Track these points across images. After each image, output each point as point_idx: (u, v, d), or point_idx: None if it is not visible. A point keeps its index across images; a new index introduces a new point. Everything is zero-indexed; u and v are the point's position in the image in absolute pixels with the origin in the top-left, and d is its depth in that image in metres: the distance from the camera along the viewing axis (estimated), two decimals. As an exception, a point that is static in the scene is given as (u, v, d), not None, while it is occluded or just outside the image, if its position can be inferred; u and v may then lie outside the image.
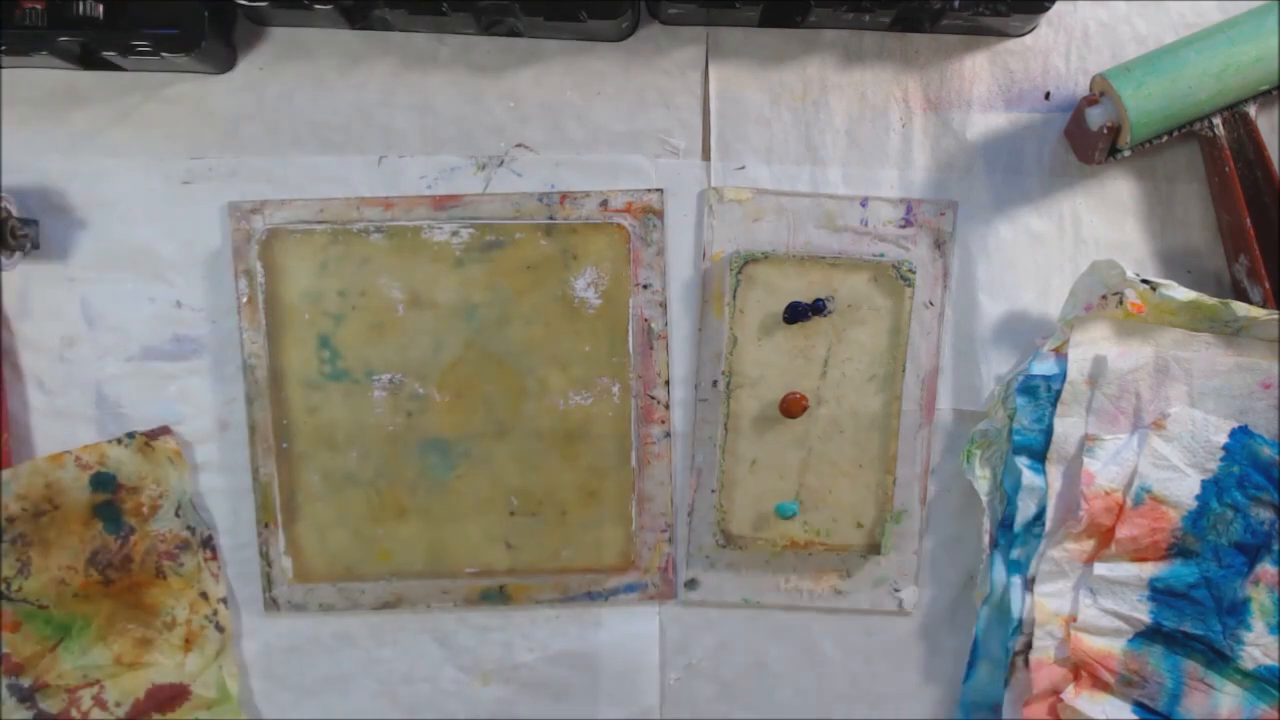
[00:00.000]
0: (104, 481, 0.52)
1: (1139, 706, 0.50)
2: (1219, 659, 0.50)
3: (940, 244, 0.53)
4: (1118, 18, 0.52)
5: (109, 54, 0.50)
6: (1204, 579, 0.49)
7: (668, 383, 0.53)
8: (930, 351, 0.53)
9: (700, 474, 0.53)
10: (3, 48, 0.48)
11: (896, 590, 0.54)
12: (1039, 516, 0.50)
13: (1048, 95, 0.53)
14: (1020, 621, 0.50)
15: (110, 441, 0.52)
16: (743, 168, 0.53)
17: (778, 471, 0.52)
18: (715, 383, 0.53)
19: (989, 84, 0.53)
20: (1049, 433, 0.50)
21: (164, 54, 0.49)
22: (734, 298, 0.51)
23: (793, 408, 0.51)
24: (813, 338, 0.51)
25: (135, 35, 0.48)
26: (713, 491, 0.53)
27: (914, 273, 0.51)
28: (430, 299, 0.52)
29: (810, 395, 0.51)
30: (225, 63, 0.52)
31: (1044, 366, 0.50)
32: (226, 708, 0.53)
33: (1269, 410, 0.50)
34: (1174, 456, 0.49)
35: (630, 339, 0.52)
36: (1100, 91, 0.50)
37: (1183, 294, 0.48)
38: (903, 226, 0.52)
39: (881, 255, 0.52)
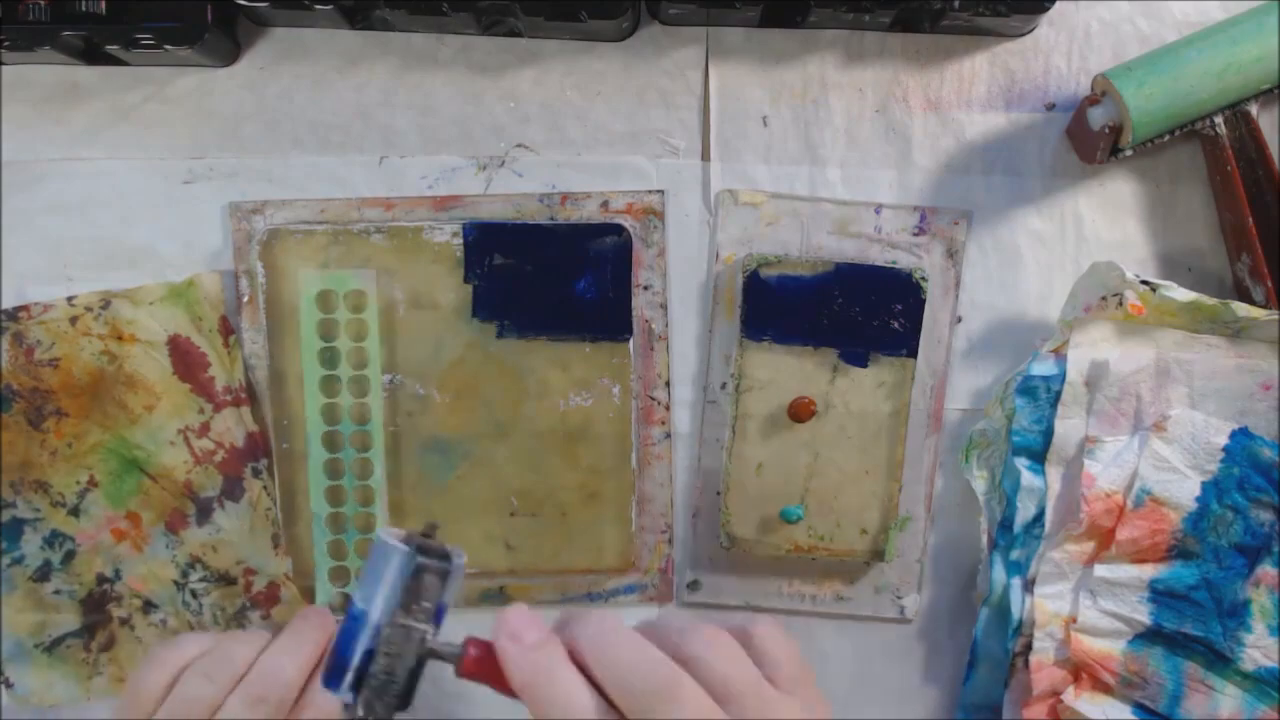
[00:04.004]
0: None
1: (1139, 708, 0.50)
2: (1219, 660, 0.50)
3: (953, 253, 0.52)
4: (1119, 17, 0.52)
5: (112, 48, 0.50)
6: (1204, 580, 0.49)
7: (668, 384, 0.53)
8: (940, 359, 0.53)
9: (706, 476, 0.53)
10: (6, 43, 0.48)
11: (899, 597, 0.54)
12: (1038, 518, 0.50)
13: (1051, 106, 0.52)
14: (1020, 623, 0.50)
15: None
16: (745, 170, 0.52)
17: (784, 475, 0.52)
18: (724, 385, 0.53)
19: (989, 84, 0.53)
20: (1048, 434, 0.50)
21: (167, 47, 0.49)
22: (744, 300, 0.51)
23: (801, 412, 0.51)
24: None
25: (138, 29, 0.48)
26: (718, 494, 0.52)
27: (926, 280, 0.51)
28: (431, 300, 0.52)
29: (819, 400, 0.51)
30: (229, 56, 0.52)
31: (1043, 367, 0.50)
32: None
33: (1269, 412, 0.50)
34: (1174, 458, 0.49)
35: (631, 340, 0.52)
36: (1102, 91, 0.50)
37: (1182, 295, 0.48)
38: (916, 234, 0.52)
39: (894, 262, 0.52)
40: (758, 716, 0.37)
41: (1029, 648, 0.50)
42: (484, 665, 0.37)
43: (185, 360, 0.52)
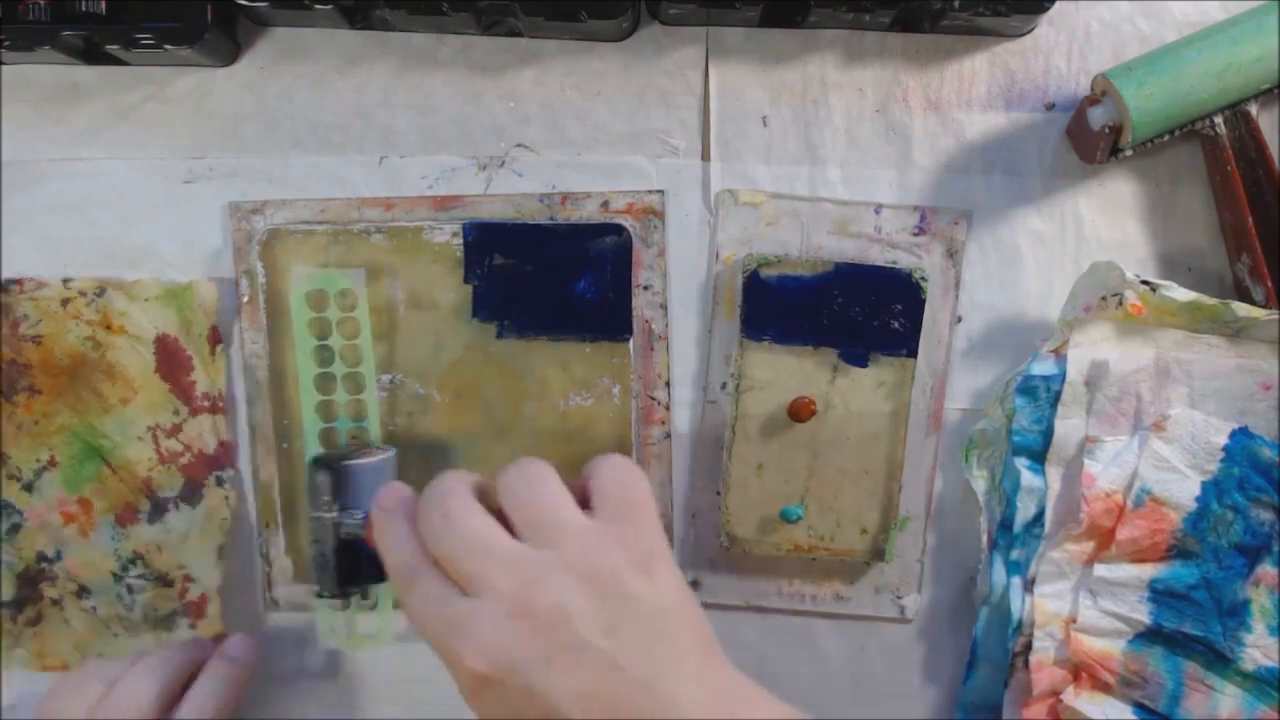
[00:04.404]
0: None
1: (1139, 707, 0.50)
2: (1219, 660, 0.50)
3: (953, 253, 0.52)
4: (1119, 17, 0.52)
5: (112, 48, 0.50)
6: (1204, 580, 0.49)
7: (668, 384, 0.53)
8: (940, 359, 0.53)
9: (706, 476, 0.53)
10: (6, 43, 0.48)
11: (899, 597, 0.54)
12: (1038, 518, 0.50)
13: (1051, 106, 0.52)
14: (1020, 622, 0.50)
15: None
16: (745, 170, 0.53)
17: (784, 476, 0.52)
18: (724, 385, 0.53)
19: (989, 84, 0.53)
20: (1048, 434, 0.50)
21: (167, 47, 0.49)
22: (744, 300, 0.51)
23: (801, 412, 0.51)
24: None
25: (138, 29, 0.49)
26: (718, 494, 0.52)
27: (926, 280, 0.51)
28: (431, 300, 0.52)
29: (819, 400, 0.51)
30: (228, 56, 0.52)
31: (1043, 367, 0.50)
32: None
33: (1269, 412, 0.50)
34: (1174, 458, 0.49)
35: (631, 340, 0.52)
36: (1102, 91, 0.50)
37: (1182, 295, 0.48)
38: (916, 234, 0.52)
39: (894, 262, 0.52)
40: (555, 541, 0.37)
41: (1029, 648, 0.50)
42: None
43: (170, 361, 0.52)
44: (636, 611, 0.37)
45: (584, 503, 0.40)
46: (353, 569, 0.46)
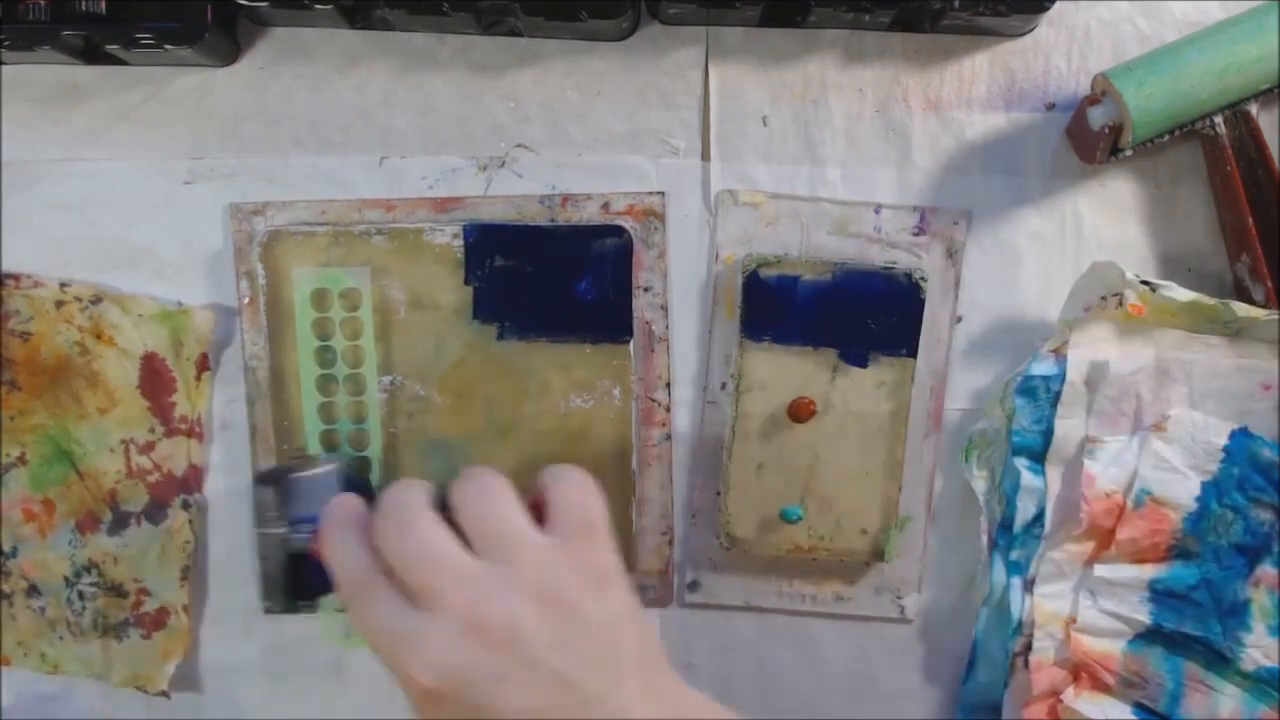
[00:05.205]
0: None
1: (1139, 708, 0.50)
2: (1219, 660, 0.50)
3: (952, 253, 0.52)
4: (1119, 17, 0.52)
5: (112, 48, 0.50)
6: (1204, 580, 0.49)
7: (668, 385, 0.53)
8: (940, 359, 0.53)
9: (706, 476, 0.53)
10: (6, 43, 0.48)
11: (899, 597, 0.54)
12: (1038, 518, 0.50)
13: (1051, 106, 0.52)
14: (1020, 622, 0.50)
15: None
16: (745, 170, 0.52)
17: (784, 476, 0.52)
18: (724, 386, 0.53)
19: (989, 84, 0.52)
20: (1048, 434, 0.50)
21: (167, 47, 0.49)
22: (744, 301, 0.51)
23: (801, 412, 0.51)
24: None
25: (138, 29, 0.48)
26: (718, 494, 0.53)
27: (926, 280, 0.51)
28: (431, 301, 0.52)
29: (819, 400, 0.51)
30: (228, 56, 0.52)
31: (1043, 367, 0.50)
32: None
33: (1269, 412, 0.50)
34: (1174, 458, 0.49)
35: (631, 341, 0.52)
36: (1102, 91, 0.50)
37: (1182, 295, 0.48)
38: (916, 234, 0.52)
39: (894, 262, 0.52)
40: (509, 557, 0.37)
41: (1029, 648, 0.50)
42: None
43: (154, 379, 0.52)
44: (587, 629, 0.37)
45: (538, 513, 0.40)
46: (301, 583, 0.45)
